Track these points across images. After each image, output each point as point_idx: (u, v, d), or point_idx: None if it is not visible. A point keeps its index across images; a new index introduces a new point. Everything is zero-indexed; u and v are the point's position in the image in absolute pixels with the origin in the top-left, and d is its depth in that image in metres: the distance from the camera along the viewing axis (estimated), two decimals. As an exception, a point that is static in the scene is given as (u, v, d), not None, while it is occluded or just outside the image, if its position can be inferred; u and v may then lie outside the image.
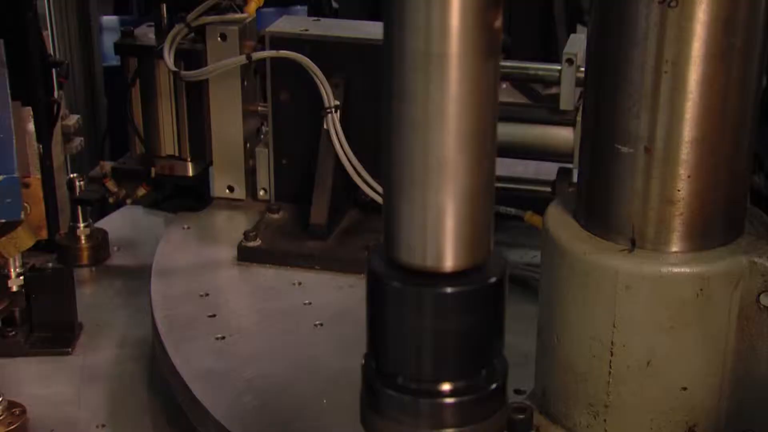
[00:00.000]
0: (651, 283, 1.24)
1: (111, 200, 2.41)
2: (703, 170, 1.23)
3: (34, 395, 1.90)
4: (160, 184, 2.40)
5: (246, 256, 2.07)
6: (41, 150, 2.07)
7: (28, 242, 2.07)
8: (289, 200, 2.25)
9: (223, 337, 1.78)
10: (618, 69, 1.21)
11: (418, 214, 0.77)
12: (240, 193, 2.35)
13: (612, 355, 1.29)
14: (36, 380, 1.97)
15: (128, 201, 2.41)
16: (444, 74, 0.75)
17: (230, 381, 1.65)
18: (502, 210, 2.09)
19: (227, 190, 2.35)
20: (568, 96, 2.07)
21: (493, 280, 0.82)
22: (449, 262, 0.79)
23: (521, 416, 1.38)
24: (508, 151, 2.19)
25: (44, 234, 2.17)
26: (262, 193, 2.32)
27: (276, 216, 2.20)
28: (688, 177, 1.23)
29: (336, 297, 1.92)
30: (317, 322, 1.83)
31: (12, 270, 2.03)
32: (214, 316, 1.86)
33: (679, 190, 1.23)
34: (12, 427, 1.72)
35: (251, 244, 2.08)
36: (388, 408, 0.85)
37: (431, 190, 0.75)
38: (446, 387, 0.84)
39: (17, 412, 1.76)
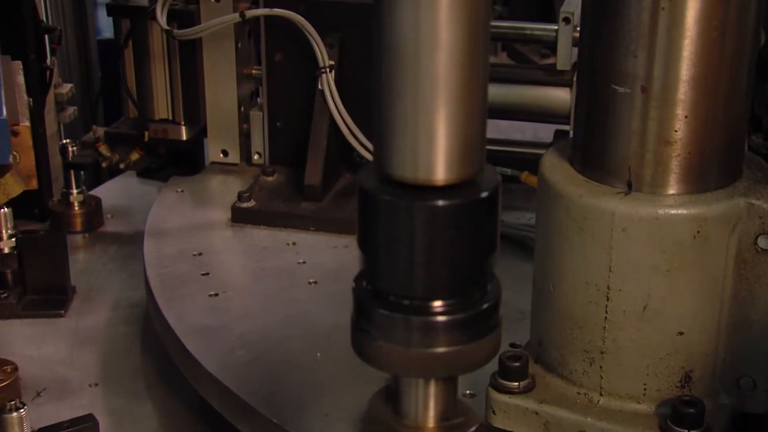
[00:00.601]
0: (647, 225, 1.23)
1: (104, 165, 2.39)
2: (700, 110, 1.21)
3: (27, 356, 1.89)
4: (153, 148, 2.38)
5: (240, 217, 2.05)
6: (31, 103, 2.06)
7: (17, 189, 2.04)
8: (283, 164, 2.23)
9: (217, 294, 1.77)
10: (615, 6, 1.20)
11: (410, 126, 0.75)
12: (234, 157, 2.33)
13: (608, 300, 1.28)
14: (29, 341, 1.95)
15: (121, 165, 2.39)
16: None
17: (223, 336, 1.63)
18: (498, 170, 2.07)
19: (221, 155, 2.33)
20: (565, 56, 2.05)
21: (485, 194, 0.80)
22: (441, 175, 0.77)
23: (516, 364, 1.37)
24: (505, 112, 2.18)
25: (34, 184, 2.14)
26: (256, 157, 2.31)
27: (270, 179, 2.18)
28: (686, 117, 1.21)
29: (330, 256, 1.90)
30: (311, 280, 1.82)
31: (3, 232, 2.02)
32: (207, 274, 1.84)
33: (676, 131, 1.22)
34: (4, 384, 1.70)
35: (245, 205, 2.06)
36: (380, 328, 0.83)
37: (423, 102, 0.73)
38: (438, 305, 0.83)
39: (9, 370, 1.74)
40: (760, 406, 1.31)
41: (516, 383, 1.35)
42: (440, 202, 0.77)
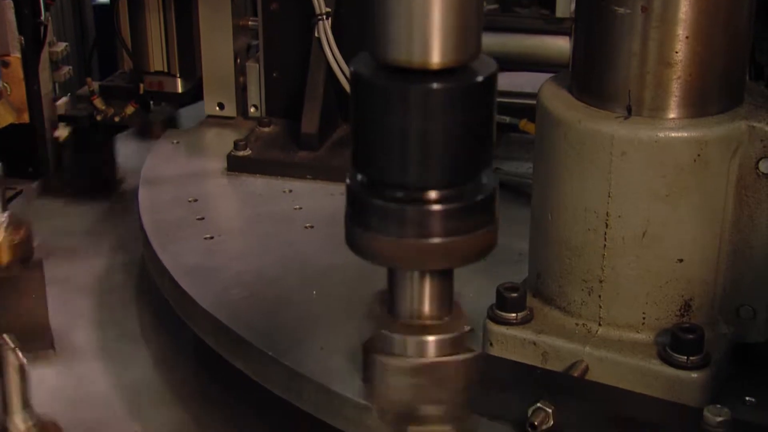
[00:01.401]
0: (647, 148, 1.21)
1: (99, 118, 2.37)
2: (701, 31, 1.19)
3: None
4: (148, 102, 2.36)
5: (235, 165, 2.03)
6: (23, 41, 2.04)
7: (8, 118, 2.02)
8: (280, 116, 2.21)
9: (212, 237, 1.75)
10: (614, -77, 1.18)
11: (405, 7, 0.73)
12: (230, 110, 2.31)
13: (607, 226, 1.26)
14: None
15: (116, 119, 2.36)
16: None
17: (218, 276, 1.62)
18: (497, 118, 2.06)
19: (217, 108, 2.31)
20: (564, 3, 2.03)
21: (480, 78, 0.78)
22: (436, 58, 0.74)
23: (514, 294, 1.36)
24: (503, 62, 2.14)
25: (25, 117, 2.11)
26: (252, 110, 2.28)
27: (267, 129, 2.16)
28: (686, 38, 1.19)
29: (327, 202, 1.88)
30: (307, 225, 1.80)
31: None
32: (202, 219, 1.83)
33: (677, 52, 1.20)
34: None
35: (241, 153, 2.04)
36: (374, 219, 0.81)
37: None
38: (432, 195, 0.80)
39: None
40: (760, 335, 1.30)
41: (513, 314, 1.34)
42: (435, 85, 0.75)
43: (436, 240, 0.80)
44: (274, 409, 1.56)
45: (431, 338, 0.86)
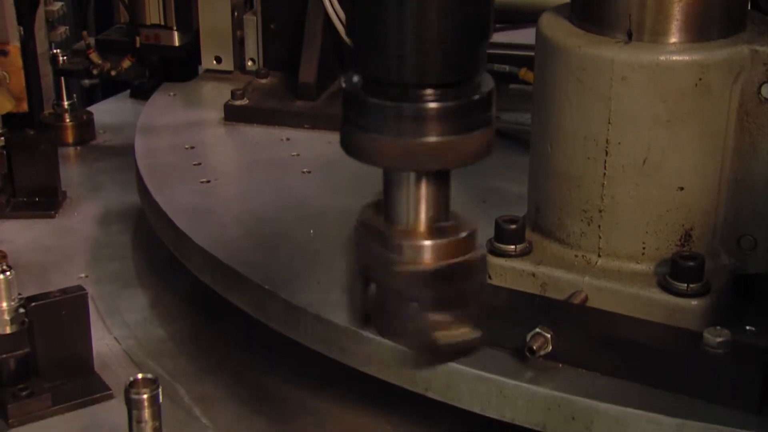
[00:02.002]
0: (648, 72, 1.19)
1: (95, 72, 2.35)
2: (703, -48, 1.18)
3: (16, 249, 1.86)
4: (145, 56, 2.34)
5: (232, 115, 2.02)
6: (22, 32, 2.03)
7: (7, 106, 2.01)
8: (277, 69, 2.19)
9: (208, 181, 1.74)
10: None
11: None
12: (227, 64, 2.29)
13: (607, 154, 1.25)
14: (18, 237, 1.93)
15: (113, 73, 2.34)
16: None
17: (215, 216, 1.60)
18: (496, 67, 2.04)
19: (214, 61, 2.29)
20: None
21: None
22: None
23: (512, 226, 1.35)
24: (503, 13, 2.14)
25: (24, 107, 2.11)
26: (250, 63, 2.26)
27: (264, 81, 2.14)
28: (688, -41, 1.18)
29: (325, 150, 1.86)
30: (305, 170, 1.79)
31: (-10, 133, 1.99)
32: (199, 164, 1.81)
33: (678, -26, 1.19)
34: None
35: (238, 102, 2.02)
36: (370, 119, 0.79)
37: None
38: (429, 92, 0.78)
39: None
40: (761, 265, 1.29)
41: (512, 246, 1.33)
42: None
43: (431, 139, 0.78)
44: (270, 349, 1.56)
45: (432, 242, 0.84)
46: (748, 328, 1.25)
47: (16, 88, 2.03)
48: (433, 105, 0.78)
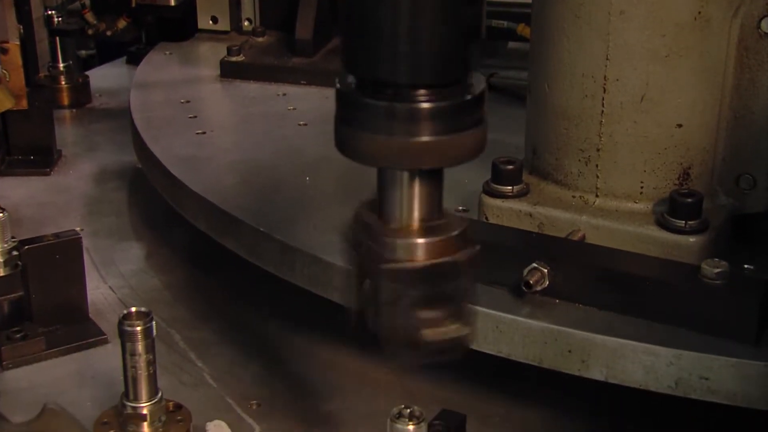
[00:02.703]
0: (646, 5, 1.18)
1: (90, 32, 2.34)
2: None
3: (12, 204, 1.86)
4: (140, 16, 2.33)
5: (229, 71, 2.00)
6: (21, 30, 2.02)
7: (7, 104, 2.01)
8: (274, 28, 2.18)
9: (204, 132, 1.73)
10: None
11: None
12: (224, 24, 2.27)
13: (605, 91, 1.24)
14: (14, 193, 1.92)
15: (108, 33, 2.33)
16: None
17: (210, 165, 1.59)
18: (494, 24, 2.03)
19: (210, 22, 2.28)
20: None
21: None
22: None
23: (510, 167, 1.34)
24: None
25: (24, 104, 2.10)
26: (246, 24, 2.25)
27: (261, 39, 2.13)
28: None
29: (322, 104, 1.85)
30: (301, 122, 1.78)
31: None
32: (194, 117, 1.80)
33: None
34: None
35: (234, 58, 2.01)
36: (364, 118, 0.79)
37: None
38: (421, 93, 0.78)
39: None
40: (759, 204, 1.28)
41: (509, 187, 1.32)
42: None
43: (424, 138, 0.79)
44: (266, 298, 1.56)
45: (423, 240, 0.84)
46: (746, 266, 1.24)
47: (16, 86, 2.02)
48: (425, 105, 0.79)
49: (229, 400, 1.30)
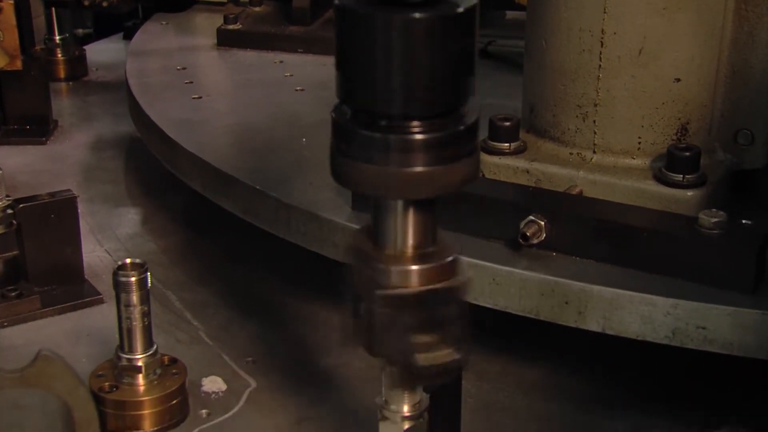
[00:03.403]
0: (645, -43, 1.18)
1: (86, 3, 2.32)
2: None
3: (7, 172, 1.84)
4: (138, -13, 2.32)
5: (226, 39, 2.00)
6: None
7: (0, 63, 2.01)
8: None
9: (200, 97, 1.72)
10: None
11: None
12: (221, -5, 2.27)
13: (602, 46, 1.23)
14: (9, 161, 1.92)
15: (104, 4, 2.31)
16: None
17: (206, 127, 1.59)
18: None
19: (208, -7, 2.28)
20: None
21: (461, 10, 0.77)
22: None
23: (507, 123, 1.33)
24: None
25: (18, 64, 2.09)
26: (244, -5, 2.25)
27: (257, 9, 2.12)
28: None
29: (319, 71, 1.85)
30: (298, 88, 1.77)
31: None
32: (190, 83, 1.79)
33: None
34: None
35: (231, 27, 2.00)
36: (359, 149, 0.80)
37: None
38: (415, 124, 0.79)
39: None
40: (758, 161, 1.27)
41: (506, 144, 1.31)
42: (417, 15, 0.75)
43: (418, 169, 0.80)
44: (262, 260, 1.56)
45: (417, 267, 0.85)
46: (744, 221, 1.23)
47: (10, 46, 2.01)
48: (419, 136, 0.80)
49: (225, 356, 1.30)
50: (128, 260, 1.12)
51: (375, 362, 0.97)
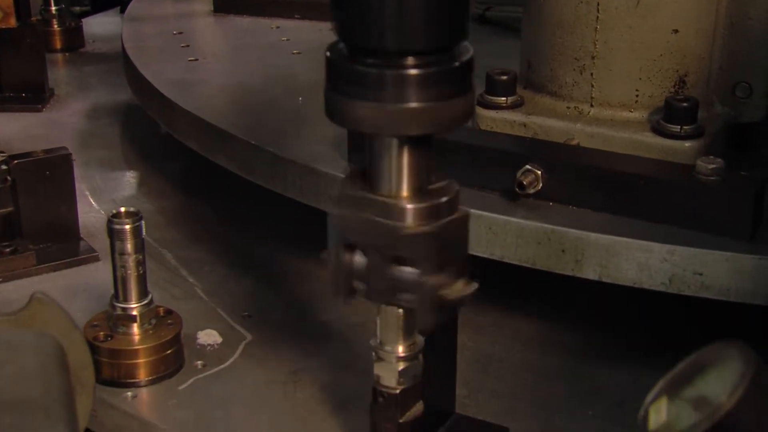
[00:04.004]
0: None
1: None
2: None
3: (3, 138, 1.85)
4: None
5: (222, 5, 1.99)
6: None
7: None
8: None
9: (196, 60, 1.71)
10: None
11: None
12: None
13: (600, -3, 1.22)
14: (5, 127, 1.91)
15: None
16: None
17: (203, 87, 1.58)
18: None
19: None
20: None
21: None
22: None
23: (504, 77, 1.32)
24: None
25: (12, 22, 2.08)
26: (240, -36, 2.23)
27: (254, -25, 2.12)
28: None
29: (316, 36, 1.84)
30: (295, 51, 1.76)
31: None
32: (187, 46, 1.79)
33: None
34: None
35: (228, -8, 2.00)
36: (354, 86, 0.80)
37: None
38: (411, 60, 0.79)
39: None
40: (756, 114, 1.27)
41: (503, 98, 1.30)
42: None
43: (413, 105, 0.80)
44: (258, 220, 1.55)
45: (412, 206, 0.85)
46: (742, 173, 1.22)
47: (4, 3, 2.00)
48: (414, 72, 0.80)
49: (221, 311, 1.29)
50: (122, 209, 1.12)
51: (371, 315, 0.97)
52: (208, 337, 1.23)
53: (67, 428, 0.76)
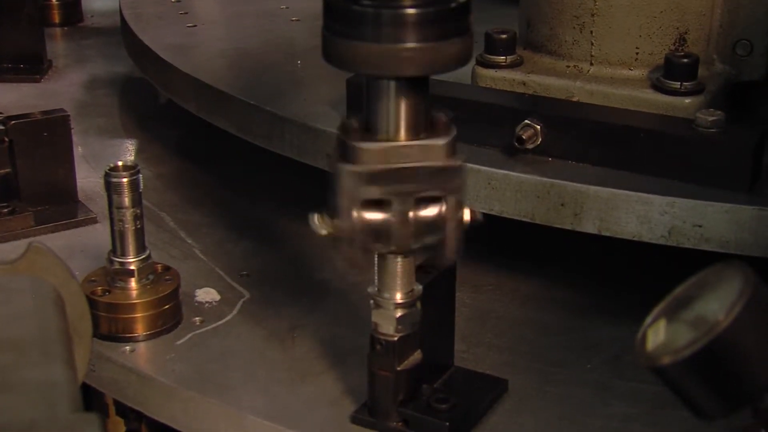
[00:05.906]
0: None
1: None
2: None
3: (3, 106, 1.84)
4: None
5: (220, -20, 1.98)
6: None
7: None
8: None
9: (195, 26, 1.71)
10: None
11: None
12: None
13: (601, -48, 1.22)
14: (2, 98, 1.91)
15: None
16: None
17: (200, 51, 1.58)
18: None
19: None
20: None
21: None
22: None
23: (503, 36, 1.32)
24: None
25: None
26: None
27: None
28: None
29: (315, 4, 1.80)
30: (294, 18, 1.76)
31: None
32: (185, 13, 1.78)
33: None
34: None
35: (226, -36, 1.99)
36: (351, 26, 0.79)
37: None
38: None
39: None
40: (756, 72, 1.26)
41: (503, 57, 1.30)
42: None
43: (410, 45, 0.79)
44: (256, 184, 1.55)
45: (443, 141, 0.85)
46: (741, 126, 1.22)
47: None
48: (411, 11, 0.79)
49: (219, 271, 1.29)
50: (120, 162, 1.11)
51: (370, 275, 0.97)
52: (207, 294, 1.23)
53: (65, 366, 0.76)
